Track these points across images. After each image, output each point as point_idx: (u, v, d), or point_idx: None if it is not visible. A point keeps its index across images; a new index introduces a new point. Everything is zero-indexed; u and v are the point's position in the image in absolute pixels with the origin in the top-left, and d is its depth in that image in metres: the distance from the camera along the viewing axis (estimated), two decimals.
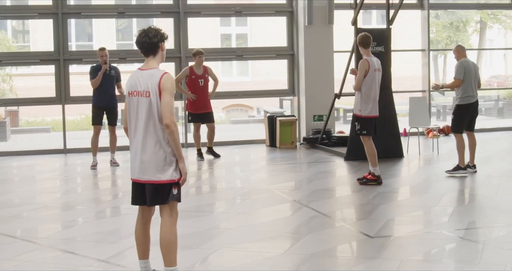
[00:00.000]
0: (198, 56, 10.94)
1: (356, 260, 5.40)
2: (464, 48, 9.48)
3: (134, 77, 4.60)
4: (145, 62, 4.64)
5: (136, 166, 4.57)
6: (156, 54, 4.61)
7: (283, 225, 6.64)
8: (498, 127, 15.40)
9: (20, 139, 16.45)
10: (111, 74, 10.43)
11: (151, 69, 4.57)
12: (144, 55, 4.63)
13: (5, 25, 23.50)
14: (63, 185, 9.40)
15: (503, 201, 7.45)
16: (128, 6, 17.81)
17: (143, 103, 4.50)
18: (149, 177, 4.53)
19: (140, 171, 4.55)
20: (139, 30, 4.65)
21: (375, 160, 8.47)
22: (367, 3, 12.37)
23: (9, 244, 6.04)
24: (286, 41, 13.63)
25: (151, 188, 4.55)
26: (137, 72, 4.61)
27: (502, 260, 5.20)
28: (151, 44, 4.56)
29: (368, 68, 8.34)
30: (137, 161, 4.56)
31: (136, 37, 4.63)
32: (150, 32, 4.57)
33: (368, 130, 8.46)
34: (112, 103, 10.49)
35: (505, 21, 28.95)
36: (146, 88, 4.49)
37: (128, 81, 4.64)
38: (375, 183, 8.48)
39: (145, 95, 4.49)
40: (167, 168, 4.52)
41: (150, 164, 4.51)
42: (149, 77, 4.51)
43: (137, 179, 4.59)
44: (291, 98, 14.13)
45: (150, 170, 4.52)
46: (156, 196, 4.56)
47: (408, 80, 25.02)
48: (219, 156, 11.31)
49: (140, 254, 4.74)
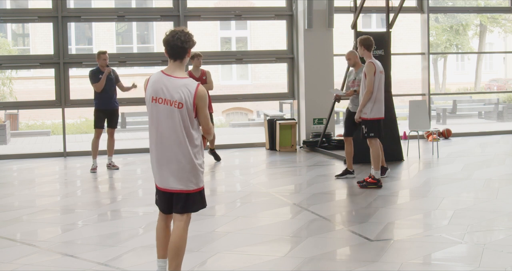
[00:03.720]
0: (196, 59, 11.01)
1: (356, 263, 5.39)
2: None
3: (160, 82, 4.40)
4: (170, 67, 4.45)
5: (166, 175, 4.47)
6: (183, 60, 4.45)
7: (283, 228, 6.63)
8: (498, 130, 15.41)
9: (20, 142, 16.44)
10: (111, 77, 10.49)
11: (183, 78, 4.41)
12: (170, 58, 4.44)
13: (5, 29, 23.52)
14: (62, 188, 9.39)
15: (503, 204, 7.45)
16: (128, 9, 17.88)
17: (174, 113, 4.37)
18: (180, 186, 4.47)
19: (170, 180, 4.47)
20: (171, 30, 4.45)
21: (378, 163, 8.49)
22: (367, 6, 12.39)
23: (8, 247, 6.03)
24: (286, 45, 13.64)
25: (181, 197, 4.50)
26: (163, 77, 4.42)
27: (502, 263, 5.19)
28: (182, 49, 4.41)
29: (375, 71, 8.39)
30: (166, 170, 4.46)
31: (166, 36, 4.43)
32: (183, 35, 4.39)
33: (375, 132, 8.49)
34: (114, 106, 10.55)
35: (505, 25, 28.99)
36: (179, 99, 4.34)
37: (152, 85, 4.43)
38: (375, 186, 8.48)
39: (177, 106, 4.35)
40: (197, 177, 4.48)
41: (182, 174, 4.44)
42: (182, 87, 4.36)
43: (166, 188, 4.51)
44: (291, 101, 14.14)
45: (181, 180, 4.45)
46: (186, 204, 4.52)
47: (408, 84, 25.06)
48: (220, 159, 11.35)
49: (160, 253, 4.68)
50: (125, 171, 10.80)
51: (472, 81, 29.72)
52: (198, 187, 4.51)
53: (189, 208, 4.54)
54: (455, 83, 30.25)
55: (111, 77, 10.48)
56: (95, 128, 10.58)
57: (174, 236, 4.53)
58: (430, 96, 14.34)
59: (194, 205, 4.55)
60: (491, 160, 10.95)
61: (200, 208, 4.61)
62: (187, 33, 4.43)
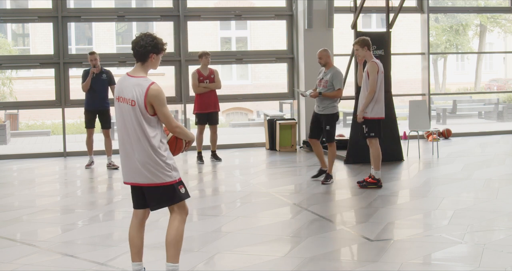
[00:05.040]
0: (205, 57, 11.13)
1: (356, 263, 5.39)
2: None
3: (122, 82, 4.58)
4: (134, 68, 4.62)
5: (132, 169, 4.55)
6: (145, 62, 4.58)
7: (283, 228, 6.63)
8: (498, 130, 15.41)
9: (20, 142, 16.43)
10: (103, 78, 10.56)
11: (138, 77, 4.54)
12: (135, 60, 4.61)
13: (5, 29, 23.51)
14: (62, 188, 9.39)
15: (503, 204, 7.45)
16: (128, 9, 17.87)
17: (129, 111, 4.50)
18: (143, 180, 4.53)
19: (136, 174, 4.54)
20: (141, 33, 4.60)
21: (379, 163, 8.48)
22: (367, 6, 12.38)
23: (8, 247, 6.04)
24: (286, 45, 13.64)
25: (151, 190, 4.56)
26: (125, 78, 4.59)
27: (502, 263, 5.19)
28: (139, 52, 4.54)
29: (378, 70, 8.38)
30: (131, 164, 4.54)
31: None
32: (143, 39, 4.53)
33: (376, 132, 8.48)
34: (103, 106, 10.61)
35: (505, 25, 28.98)
36: (132, 97, 4.48)
37: (117, 85, 4.65)
38: (375, 186, 8.48)
39: (130, 104, 4.49)
40: (162, 172, 4.51)
41: (144, 169, 4.50)
42: (135, 86, 4.49)
43: (131, 182, 4.59)
44: (291, 101, 14.14)
45: (143, 174, 4.52)
46: (156, 198, 4.58)
47: (408, 84, 25.06)
48: (220, 160, 11.37)
49: (133, 256, 4.74)
50: None
51: (472, 81, 29.72)
52: (165, 181, 4.53)
53: (162, 202, 4.61)
54: (455, 83, 30.24)
55: (102, 78, 10.55)
56: (86, 128, 10.80)
57: (169, 229, 4.61)
58: (430, 96, 14.33)
59: (167, 199, 4.59)
60: (491, 160, 10.95)
61: (175, 201, 4.61)
62: (149, 37, 4.56)
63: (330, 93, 8.81)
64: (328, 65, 8.93)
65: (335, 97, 8.85)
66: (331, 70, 8.84)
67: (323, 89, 8.84)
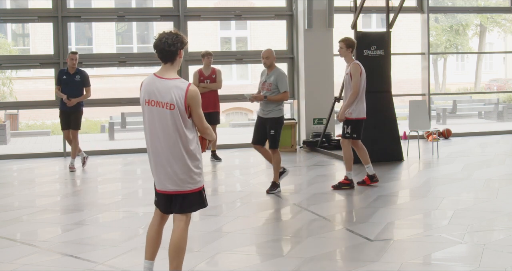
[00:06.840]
0: (207, 57, 11.18)
1: (356, 263, 5.39)
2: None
3: (152, 84, 4.39)
4: (162, 69, 4.45)
5: (162, 178, 4.47)
6: (174, 62, 4.45)
7: (283, 228, 6.63)
8: (498, 130, 15.41)
9: (20, 142, 16.44)
10: (76, 79, 10.49)
11: (174, 79, 4.40)
12: (161, 61, 4.45)
13: (5, 29, 23.52)
14: (62, 188, 9.39)
15: (503, 204, 7.45)
16: (128, 9, 17.88)
17: (165, 115, 4.35)
18: (176, 188, 4.45)
19: (167, 182, 4.46)
20: (159, 33, 4.45)
21: (351, 164, 8.55)
22: (367, 6, 12.38)
23: (8, 247, 6.03)
24: (286, 45, 13.64)
25: (179, 198, 4.49)
26: (155, 80, 4.41)
27: (502, 263, 5.19)
28: (170, 52, 4.40)
29: (361, 71, 8.42)
30: (163, 173, 4.45)
31: (155, 40, 4.44)
32: (170, 38, 4.38)
33: (358, 133, 8.50)
34: (75, 108, 10.50)
35: (504, 25, 29.00)
36: (170, 100, 4.33)
37: (144, 88, 4.43)
38: (349, 186, 8.52)
39: (168, 108, 4.34)
40: (193, 178, 4.46)
41: (176, 176, 4.43)
42: (174, 88, 4.35)
43: (163, 190, 4.50)
44: (291, 101, 14.14)
45: (176, 182, 4.44)
46: (184, 204, 4.51)
47: (408, 84, 25.06)
48: (220, 160, 11.37)
49: (148, 254, 4.66)
50: (125, 171, 10.81)
51: (472, 81, 29.73)
52: (196, 187, 4.49)
53: (187, 208, 4.53)
54: (455, 83, 30.26)
55: (75, 79, 10.47)
56: (62, 130, 10.83)
57: (174, 237, 4.52)
58: (430, 96, 14.33)
59: (192, 205, 4.55)
60: (491, 160, 10.95)
61: (199, 208, 4.59)
62: (175, 34, 4.43)
63: (276, 97, 8.26)
64: (271, 67, 8.38)
65: (281, 100, 8.32)
66: (274, 72, 8.31)
67: (268, 93, 8.30)
